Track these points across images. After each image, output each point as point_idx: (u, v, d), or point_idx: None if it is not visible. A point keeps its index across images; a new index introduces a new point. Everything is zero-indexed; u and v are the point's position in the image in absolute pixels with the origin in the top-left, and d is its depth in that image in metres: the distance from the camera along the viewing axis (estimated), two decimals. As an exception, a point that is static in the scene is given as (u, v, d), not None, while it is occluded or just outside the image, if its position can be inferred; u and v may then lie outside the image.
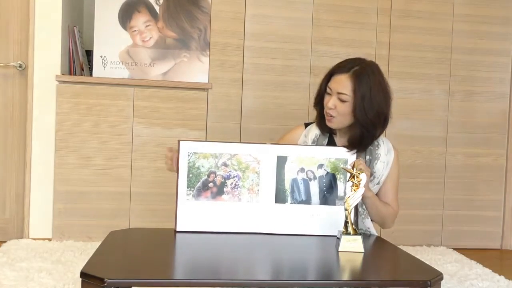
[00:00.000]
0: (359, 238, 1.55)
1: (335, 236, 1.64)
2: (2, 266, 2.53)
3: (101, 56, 3.13)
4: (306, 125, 2.05)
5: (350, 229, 1.56)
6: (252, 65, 3.20)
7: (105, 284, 1.20)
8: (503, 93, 3.44)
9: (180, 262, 1.49)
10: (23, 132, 3.15)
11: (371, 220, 1.92)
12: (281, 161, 1.75)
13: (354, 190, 1.59)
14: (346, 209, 1.58)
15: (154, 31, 3.17)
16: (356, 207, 1.83)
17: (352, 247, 1.54)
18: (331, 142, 1.95)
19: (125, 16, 3.16)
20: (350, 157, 1.78)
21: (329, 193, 1.75)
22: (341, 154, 1.78)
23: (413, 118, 3.35)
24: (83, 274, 1.25)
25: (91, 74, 3.18)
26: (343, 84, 1.83)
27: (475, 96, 3.41)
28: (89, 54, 3.28)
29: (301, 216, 1.74)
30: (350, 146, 1.83)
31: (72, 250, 2.86)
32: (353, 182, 1.59)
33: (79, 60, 3.19)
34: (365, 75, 1.82)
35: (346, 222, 1.58)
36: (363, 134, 1.84)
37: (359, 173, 1.60)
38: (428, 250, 3.24)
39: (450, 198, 3.41)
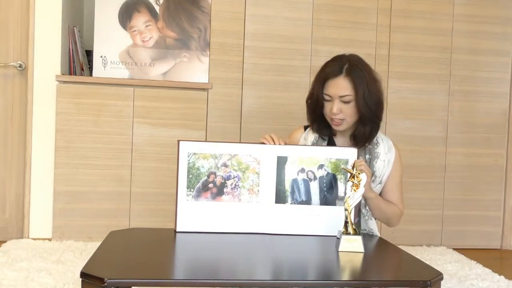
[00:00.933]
0: (359, 238, 1.55)
1: (335, 236, 1.64)
2: (2, 266, 2.53)
3: (101, 56, 3.13)
4: (306, 127, 2.03)
5: (350, 229, 1.56)
6: (252, 65, 3.20)
7: (105, 284, 1.20)
8: (503, 93, 3.44)
9: (180, 262, 1.48)
10: (23, 132, 3.15)
11: (375, 219, 1.91)
12: (281, 161, 1.75)
13: (354, 190, 1.59)
14: (346, 209, 1.58)
15: (154, 31, 3.17)
16: (359, 209, 1.83)
17: (352, 247, 1.54)
18: (331, 144, 1.94)
19: (125, 16, 3.15)
20: (351, 156, 1.77)
21: (329, 194, 1.75)
22: (342, 154, 1.78)
23: (413, 118, 3.35)
24: (83, 274, 1.25)
25: (91, 74, 3.18)
26: (342, 86, 1.82)
27: (475, 96, 3.41)
28: (89, 54, 3.28)
29: (301, 216, 1.74)
30: (357, 143, 1.85)
31: (72, 250, 2.86)
32: (353, 182, 1.59)
33: (79, 60, 3.18)
34: (357, 69, 1.83)
35: (346, 222, 1.58)
36: (372, 127, 1.85)
37: (359, 173, 1.60)
38: (428, 250, 3.24)
39: (450, 198, 3.41)
